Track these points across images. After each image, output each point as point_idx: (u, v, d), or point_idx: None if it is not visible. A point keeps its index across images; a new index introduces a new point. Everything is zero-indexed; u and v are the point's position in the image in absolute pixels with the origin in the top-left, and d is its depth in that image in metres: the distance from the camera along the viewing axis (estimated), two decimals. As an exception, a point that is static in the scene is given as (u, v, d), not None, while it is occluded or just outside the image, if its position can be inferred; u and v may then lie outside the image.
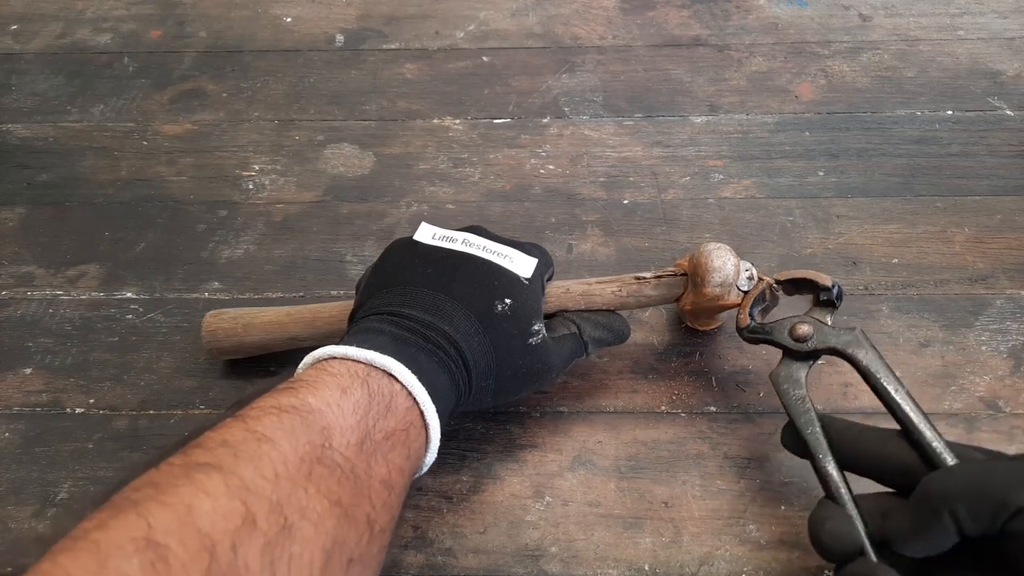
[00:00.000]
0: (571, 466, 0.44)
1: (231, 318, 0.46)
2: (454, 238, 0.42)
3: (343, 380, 0.33)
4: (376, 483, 0.32)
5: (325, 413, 0.32)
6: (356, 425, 0.32)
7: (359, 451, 0.32)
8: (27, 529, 0.41)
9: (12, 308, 0.52)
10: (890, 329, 0.49)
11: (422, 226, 0.43)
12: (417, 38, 0.71)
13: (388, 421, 0.33)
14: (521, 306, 0.40)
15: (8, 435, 0.46)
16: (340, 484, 0.30)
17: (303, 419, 0.31)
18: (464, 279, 0.40)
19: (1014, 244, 0.53)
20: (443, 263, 0.41)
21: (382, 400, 0.34)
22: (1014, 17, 0.69)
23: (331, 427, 0.31)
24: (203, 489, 0.27)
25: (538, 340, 0.40)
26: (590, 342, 0.43)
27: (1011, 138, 0.60)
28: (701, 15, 0.72)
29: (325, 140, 0.63)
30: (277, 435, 0.30)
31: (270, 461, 0.29)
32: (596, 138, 0.62)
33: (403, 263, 0.41)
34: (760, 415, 0.45)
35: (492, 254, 0.41)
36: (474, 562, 0.40)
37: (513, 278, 0.40)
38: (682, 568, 0.40)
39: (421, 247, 0.42)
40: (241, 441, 0.29)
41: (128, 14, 0.75)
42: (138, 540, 0.25)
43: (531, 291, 0.41)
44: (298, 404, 0.32)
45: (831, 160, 0.59)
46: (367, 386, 0.34)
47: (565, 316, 0.44)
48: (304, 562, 0.27)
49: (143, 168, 0.61)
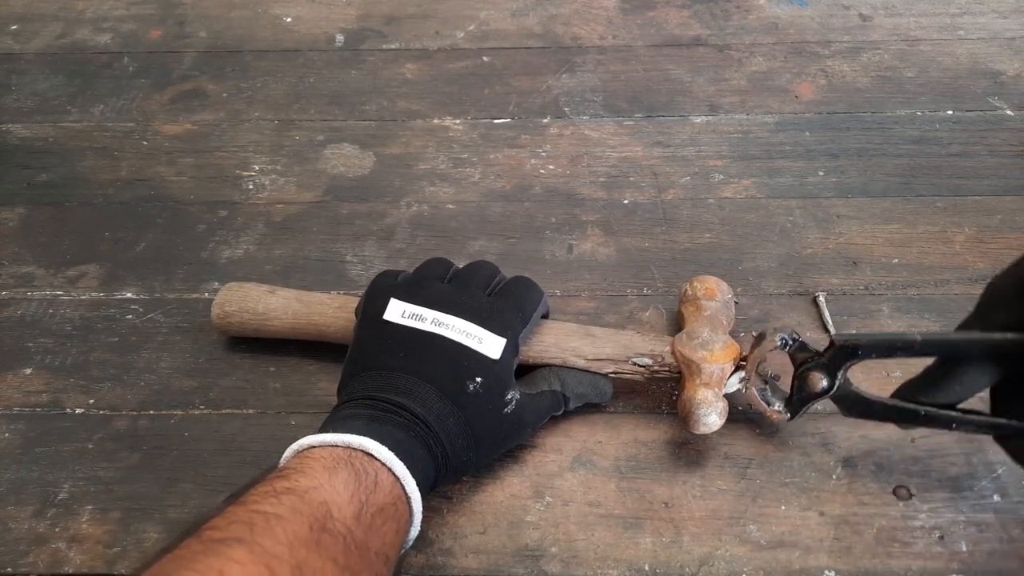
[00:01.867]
0: (571, 466, 0.44)
1: (239, 309, 0.47)
2: (423, 316, 0.42)
3: (328, 462, 0.35)
4: (373, 555, 0.33)
5: (320, 490, 0.33)
6: (350, 500, 0.34)
7: (357, 523, 0.33)
8: (27, 530, 0.41)
9: (12, 308, 0.52)
10: (890, 329, 0.49)
11: (391, 303, 0.43)
12: (417, 38, 0.71)
13: (378, 496, 0.35)
14: (493, 383, 0.41)
15: (8, 435, 0.46)
16: (346, 552, 0.31)
17: (301, 497, 0.32)
18: (435, 361, 0.40)
19: (1014, 244, 0.53)
20: (412, 345, 0.41)
21: (368, 477, 0.35)
22: (1014, 17, 0.69)
23: (328, 502, 0.33)
24: (229, 557, 0.28)
25: (512, 408, 0.41)
26: (572, 397, 0.44)
27: (1011, 138, 0.60)
28: (701, 15, 0.72)
29: (325, 140, 0.63)
30: (281, 511, 0.31)
31: (283, 532, 0.30)
32: (596, 138, 0.62)
33: (374, 346, 0.42)
34: (760, 415, 0.45)
35: (461, 334, 0.41)
36: (474, 562, 0.40)
37: (481, 358, 0.41)
38: (682, 568, 0.40)
39: (390, 327, 0.42)
40: (250, 519, 0.31)
41: (128, 14, 0.75)
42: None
43: (501, 368, 0.41)
44: (292, 486, 0.33)
45: (831, 160, 0.59)
46: (351, 465, 0.35)
47: (551, 370, 0.44)
48: None
49: (143, 168, 0.61)
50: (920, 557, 0.39)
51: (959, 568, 0.39)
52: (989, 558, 0.39)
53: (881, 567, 0.39)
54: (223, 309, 0.47)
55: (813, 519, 0.41)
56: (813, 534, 0.40)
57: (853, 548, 0.40)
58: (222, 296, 0.48)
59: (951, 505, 0.41)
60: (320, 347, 0.48)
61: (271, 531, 0.30)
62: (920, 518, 0.41)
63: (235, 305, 0.47)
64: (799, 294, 0.51)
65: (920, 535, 0.40)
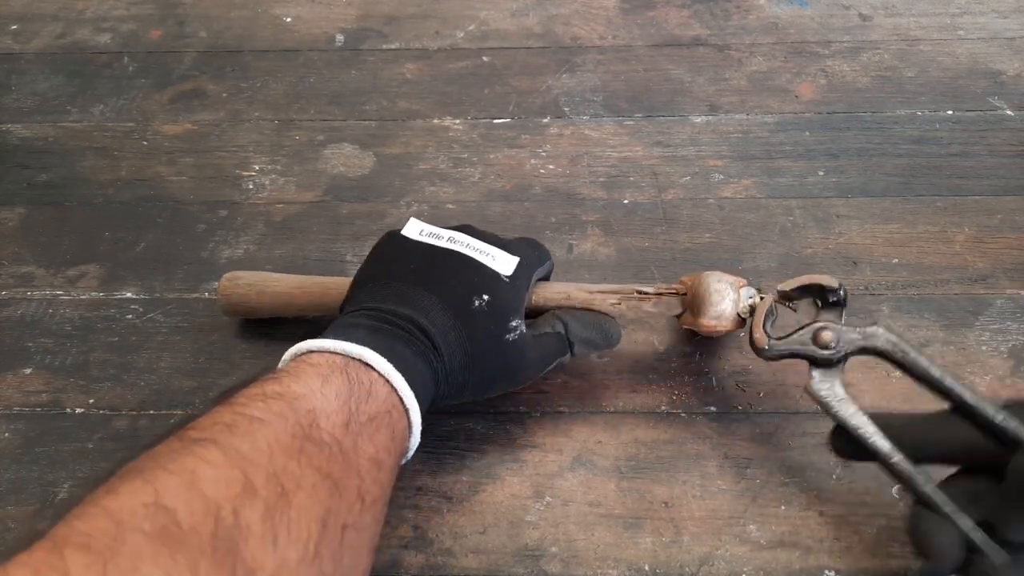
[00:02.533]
0: (571, 466, 0.44)
1: (246, 284, 0.48)
2: (440, 235, 0.43)
3: (323, 369, 0.35)
4: (364, 460, 0.33)
5: (309, 398, 0.33)
6: (340, 409, 0.33)
7: (345, 431, 0.33)
8: (27, 529, 0.41)
9: (12, 308, 0.52)
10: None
11: (411, 221, 0.44)
12: (417, 38, 0.71)
13: (370, 405, 0.35)
14: (499, 303, 0.40)
15: (8, 435, 0.46)
16: (330, 460, 0.31)
17: (289, 404, 0.32)
18: (443, 274, 0.41)
19: (1014, 244, 0.53)
20: (424, 259, 0.42)
21: (362, 387, 0.35)
22: (1014, 17, 0.69)
23: (316, 410, 0.33)
24: (203, 459, 0.28)
25: (515, 336, 0.40)
26: (577, 343, 0.43)
27: (1011, 138, 0.60)
28: (701, 15, 0.72)
29: (325, 140, 0.63)
30: (267, 416, 0.31)
31: (263, 437, 0.30)
32: (596, 138, 0.62)
33: (386, 258, 0.43)
34: (760, 415, 0.45)
35: (474, 251, 0.42)
36: (474, 562, 0.40)
37: (492, 275, 0.41)
38: (682, 568, 0.40)
39: (406, 242, 0.43)
40: (233, 422, 0.30)
41: (128, 14, 0.75)
42: (148, 505, 0.26)
43: (511, 288, 0.41)
44: (282, 391, 0.33)
45: (831, 160, 0.59)
46: (346, 374, 0.35)
47: (555, 314, 0.44)
48: (302, 527, 0.29)
49: (143, 168, 0.61)
50: (920, 557, 0.39)
51: (959, 568, 0.39)
52: (989, 558, 0.39)
53: (881, 567, 0.39)
54: (231, 278, 0.48)
55: (813, 519, 0.41)
56: (813, 534, 0.40)
57: (853, 548, 0.40)
58: (231, 272, 0.49)
59: (951, 505, 0.41)
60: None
61: (251, 435, 0.30)
62: (920, 518, 0.41)
63: (244, 274, 0.48)
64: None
65: (920, 535, 0.40)
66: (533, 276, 0.44)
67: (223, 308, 0.48)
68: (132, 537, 0.25)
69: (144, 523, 0.25)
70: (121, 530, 0.25)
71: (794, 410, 0.45)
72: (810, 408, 0.45)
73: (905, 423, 0.37)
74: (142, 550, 0.24)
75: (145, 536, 0.25)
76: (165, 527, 0.25)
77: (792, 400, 0.46)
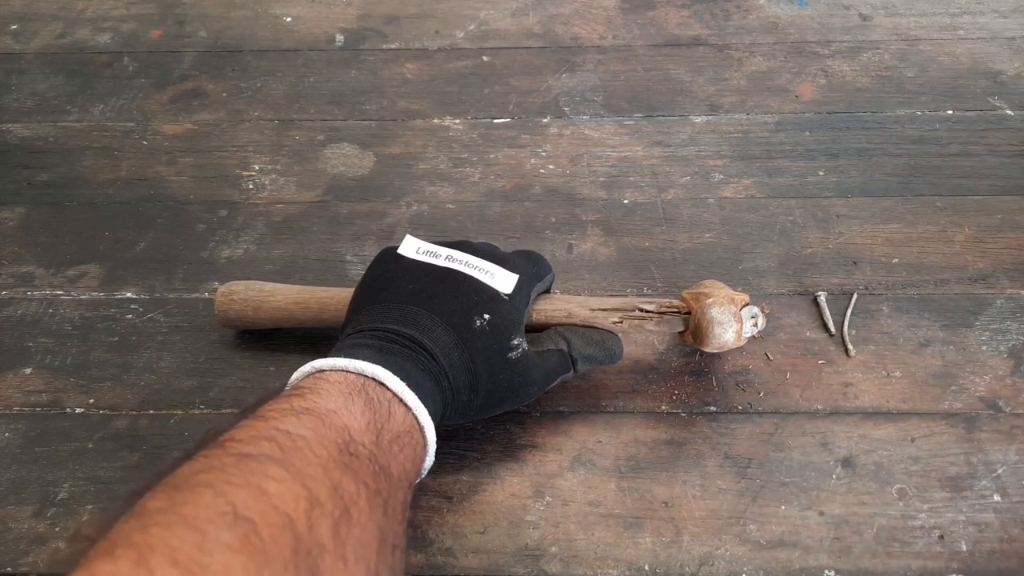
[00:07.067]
0: (571, 466, 0.44)
1: (242, 300, 0.47)
2: (438, 253, 0.42)
3: (343, 388, 0.34)
4: (396, 480, 0.33)
5: (339, 414, 0.32)
6: (368, 426, 0.33)
7: (378, 449, 0.32)
8: (27, 529, 0.41)
9: (12, 308, 0.52)
10: (890, 329, 0.49)
11: (407, 239, 0.43)
12: (417, 38, 0.71)
13: (392, 424, 0.34)
14: (500, 321, 0.40)
15: (8, 435, 0.46)
16: (375, 477, 0.31)
17: (321, 419, 0.31)
18: (444, 295, 0.40)
19: (1014, 244, 0.53)
20: (424, 278, 0.41)
21: (382, 406, 0.34)
22: (1014, 17, 0.69)
23: (349, 427, 0.32)
24: (266, 473, 0.27)
25: (518, 355, 0.40)
26: (580, 359, 0.43)
27: (1011, 138, 0.60)
28: (701, 15, 0.72)
29: (325, 140, 0.63)
30: (304, 432, 0.30)
31: (311, 452, 0.29)
32: (596, 138, 0.62)
33: (386, 278, 0.42)
34: (760, 415, 0.45)
35: (473, 269, 0.41)
36: (474, 562, 0.40)
37: (493, 294, 0.41)
38: (682, 568, 0.40)
39: (404, 261, 0.42)
40: (275, 437, 0.29)
41: (128, 14, 0.75)
42: (226, 515, 0.25)
43: (511, 307, 0.41)
44: (311, 407, 0.32)
45: (831, 160, 0.59)
46: (365, 393, 0.34)
47: (557, 330, 0.44)
48: (365, 543, 0.28)
49: (143, 168, 0.61)
50: (920, 557, 0.39)
51: (959, 568, 0.39)
52: (989, 558, 0.39)
53: (881, 567, 0.39)
54: (227, 293, 0.48)
55: (813, 519, 0.41)
56: (813, 534, 0.40)
57: (853, 548, 0.40)
58: (225, 286, 0.48)
59: (951, 505, 0.41)
60: (321, 347, 0.48)
61: (300, 451, 0.29)
62: (920, 518, 0.41)
63: (239, 288, 0.48)
64: (799, 294, 0.51)
65: (920, 535, 0.40)
66: (533, 292, 0.43)
67: (220, 322, 0.48)
68: (219, 552, 0.24)
69: (226, 532, 0.24)
70: (207, 542, 0.24)
71: (794, 410, 0.45)
72: (810, 408, 0.45)
73: None
74: (231, 567, 0.24)
75: (232, 551, 0.24)
76: (247, 537, 0.24)
77: (792, 400, 0.46)
